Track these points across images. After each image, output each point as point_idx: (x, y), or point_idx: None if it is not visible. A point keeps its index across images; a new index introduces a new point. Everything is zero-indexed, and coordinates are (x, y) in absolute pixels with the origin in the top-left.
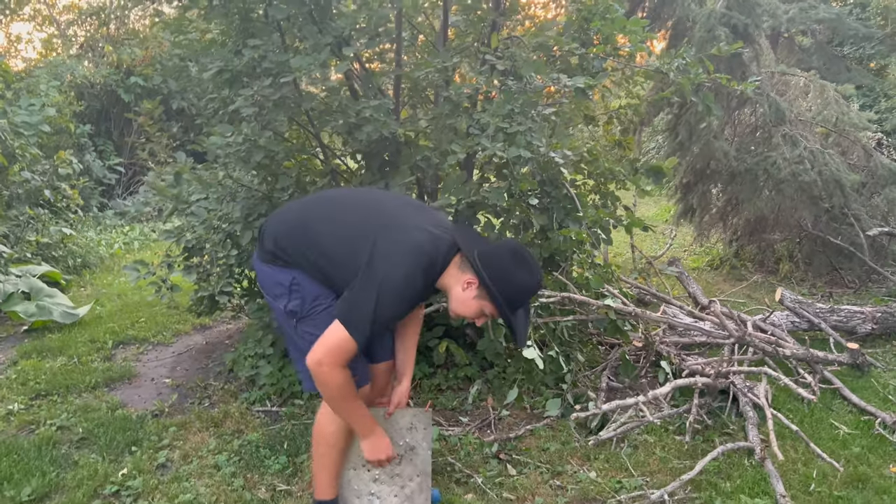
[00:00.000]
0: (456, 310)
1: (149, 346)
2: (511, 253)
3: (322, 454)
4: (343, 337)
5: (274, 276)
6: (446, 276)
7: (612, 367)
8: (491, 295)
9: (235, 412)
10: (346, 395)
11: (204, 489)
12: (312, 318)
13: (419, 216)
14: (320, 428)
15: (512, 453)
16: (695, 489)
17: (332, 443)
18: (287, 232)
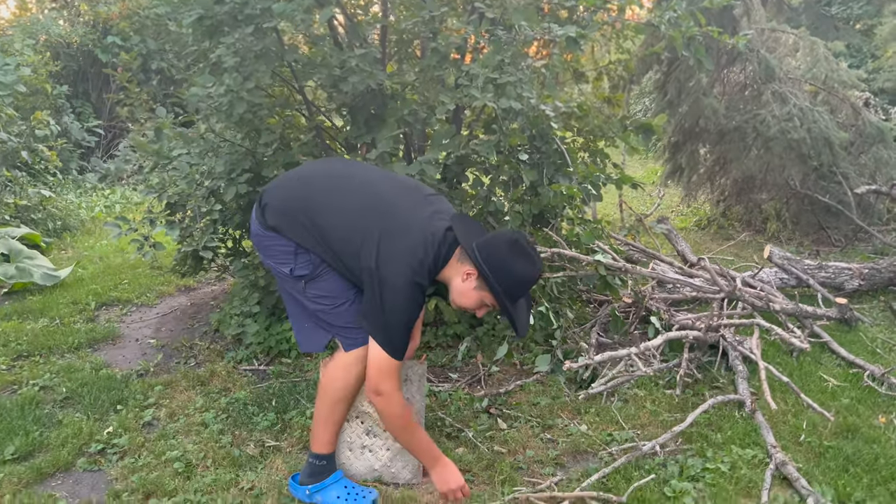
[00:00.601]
0: (457, 301)
1: (132, 307)
2: (509, 243)
3: (327, 408)
4: (384, 358)
5: (277, 244)
6: (447, 269)
7: (601, 323)
8: (490, 286)
9: (222, 371)
10: (409, 420)
11: (191, 446)
12: (322, 280)
13: (419, 206)
14: (329, 380)
15: (502, 408)
16: (686, 441)
17: (339, 398)
18: (289, 212)
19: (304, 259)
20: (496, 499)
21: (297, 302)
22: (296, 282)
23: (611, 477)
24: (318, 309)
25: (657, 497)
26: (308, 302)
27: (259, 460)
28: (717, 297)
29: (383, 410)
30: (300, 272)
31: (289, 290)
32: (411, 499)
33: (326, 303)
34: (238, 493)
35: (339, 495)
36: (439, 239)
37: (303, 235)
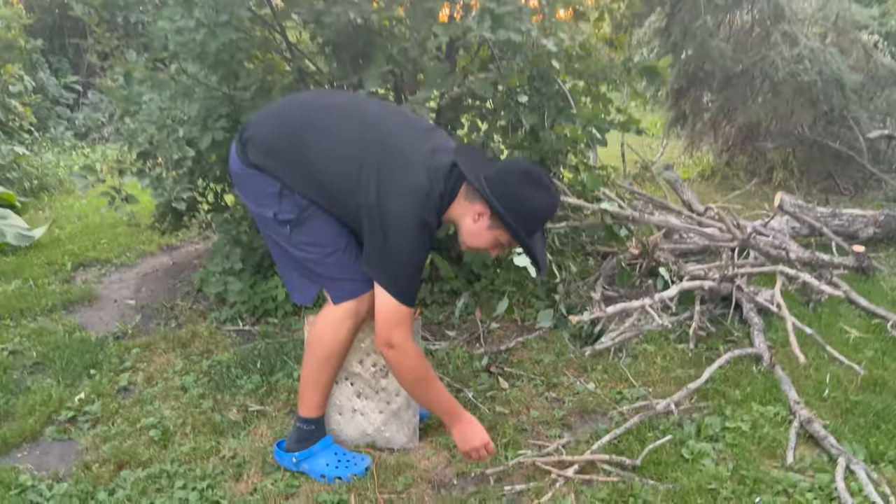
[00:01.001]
0: (468, 242)
1: (111, 267)
2: (522, 174)
3: (315, 367)
4: (393, 306)
5: (260, 183)
6: (454, 209)
7: (606, 276)
8: (506, 224)
9: (204, 332)
10: (425, 373)
11: (169, 412)
12: (309, 225)
13: (419, 140)
14: (318, 336)
15: (503, 366)
16: (701, 398)
17: (328, 356)
18: (275, 146)
19: (290, 201)
20: (499, 464)
21: (280, 248)
22: (280, 227)
23: (623, 438)
24: (305, 258)
25: (674, 459)
26: (294, 250)
27: (242, 426)
28: (730, 246)
29: (397, 364)
30: (285, 216)
31: (273, 236)
32: (407, 465)
33: (314, 251)
34: (219, 462)
35: (328, 462)
36: (444, 174)
37: (290, 173)
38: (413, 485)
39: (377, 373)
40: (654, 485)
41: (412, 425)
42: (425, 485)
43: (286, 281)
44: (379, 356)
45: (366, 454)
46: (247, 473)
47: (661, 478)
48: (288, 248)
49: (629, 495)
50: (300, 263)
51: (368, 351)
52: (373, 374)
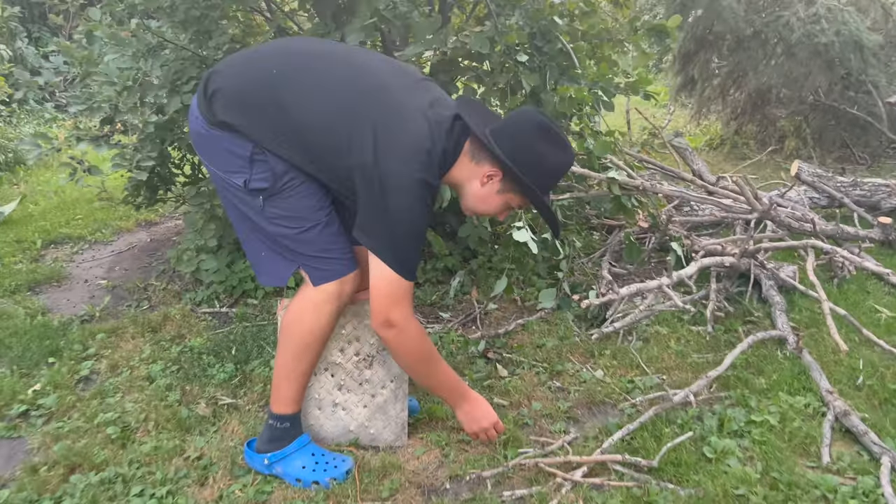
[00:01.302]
0: (474, 208)
1: (84, 244)
2: (537, 129)
3: (291, 357)
4: (393, 280)
5: (228, 146)
6: (457, 170)
7: (612, 251)
8: (522, 186)
9: (177, 315)
10: (428, 353)
11: (131, 405)
12: (286, 196)
13: (415, 90)
14: (293, 323)
15: (502, 351)
16: (722, 387)
17: (307, 344)
18: (248, 100)
19: (264, 167)
20: (497, 463)
21: (250, 222)
22: (251, 198)
23: (637, 434)
24: (280, 233)
25: (695, 459)
26: (266, 224)
27: (211, 422)
28: (749, 218)
29: (398, 346)
30: (258, 184)
31: (239, 207)
32: (394, 466)
33: (291, 226)
34: (182, 464)
35: (304, 465)
36: (446, 128)
37: (266, 132)
38: (400, 490)
39: (360, 362)
40: (674, 489)
41: (400, 421)
42: (414, 489)
43: (253, 260)
44: (363, 343)
45: (347, 455)
46: (213, 477)
47: (682, 481)
48: (259, 222)
49: (645, 503)
50: (273, 239)
51: (350, 338)
52: (355, 363)
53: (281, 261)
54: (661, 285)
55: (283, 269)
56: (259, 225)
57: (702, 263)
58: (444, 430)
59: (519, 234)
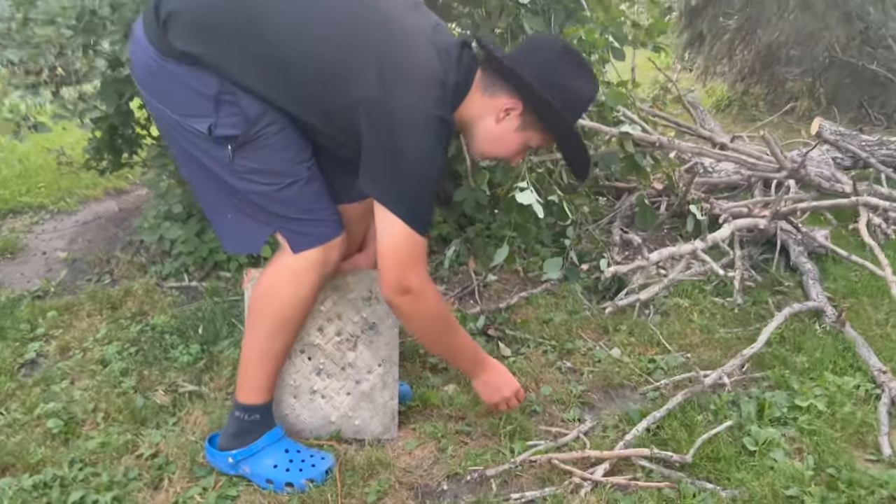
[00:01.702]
0: (488, 150)
1: (46, 214)
2: (562, 50)
3: (265, 336)
4: (407, 236)
5: (187, 82)
6: (468, 106)
7: (623, 216)
8: (549, 116)
9: (140, 290)
10: (448, 320)
11: (80, 393)
12: (261, 145)
13: (416, 14)
14: (269, 295)
15: (504, 328)
16: (756, 366)
17: (283, 321)
18: (214, 23)
19: (233, 109)
20: (503, 459)
21: (213, 178)
22: (216, 148)
23: (665, 423)
24: (253, 191)
25: (735, 452)
26: (236, 179)
27: (170, 412)
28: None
29: (415, 314)
30: (226, 131)
31: (200, 159)
32: (382, 463)
33: (266, 181)
34: (134, 463)
35: (276, 463)
36: (455, 56)
37: (239, 64)
38: (389, 492)
39: (342, 343)
40: (714, 490)
41: (389, 410)
42: (405, 491)
43: (217, 224)
44: (345, 322)
45: (328, 451)
46: (168, 479)
47: (721, 479)
48: (226, 178)
49: None
50: (243, 199)
51: (331, 316)
52: (336, 344)
53: (253, 224)
54: (696, 249)
55: (255, 234)
56: (225, 181)
57: (735, 225)
58: (440, 420)
59: (522, 196)
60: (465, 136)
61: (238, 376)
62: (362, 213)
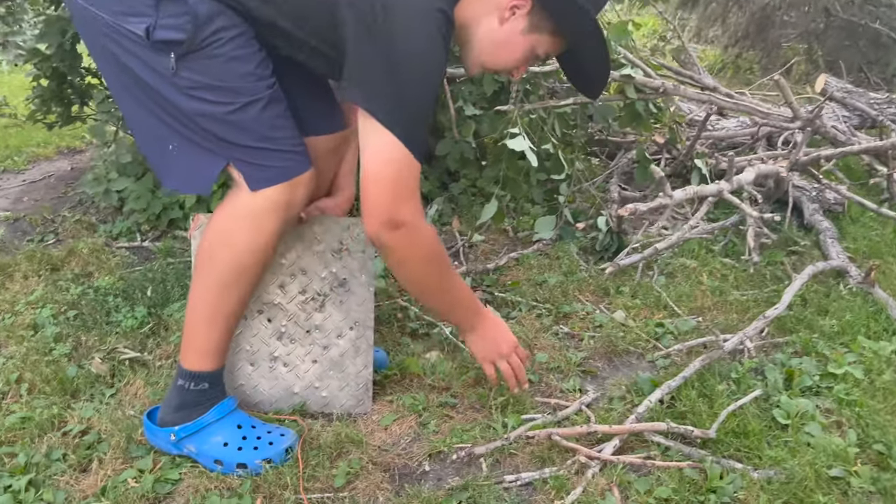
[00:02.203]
0: (489, 59)
1: None
2: None
3: (216, 290)
4: (401, 159)
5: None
6: (465, 5)
7: (620, 173)
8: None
9: (85, 249)
10: (445, 260)
11: (3, 362)
12: (208, 56)
13: None
14: (220, 242)
15: (493, 290)
16: (778, 330)
17: (240, 270)
18: None
19: (179, 8)
20: (494, 435)
21: (155, 100)
22: (156, 56)
23: (680, 394)
24: (203, 112)
25: (765, 426)
26: (180, 97)
27: (107, 382)
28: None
29: (408, 253)
30: (168, 34)
31: (140, 74)
32: (353, 441)
33: (217, 100)
34: (59, 442)
35: (227, 441)
36: None
37: None
38: (361, 474)
39: (307, 303)
40: (744, 470)
41: (362, 381)
42: (380, 473)
43: (155, 156)
44: (311, 278)
45: (289, 427)
46: (99, 459)
47: (752, 458)
48: (168, 95)
49: (707, 490)
50: (190, 123)
51: (294, 271)
52: (301, 304)
53: (202, 155)
54: (722, 190)
55: (204, 168)
56: (168, 101)
57: (759, 170)
58: (420, 391)
59: (514, 143)
60: (461, 44)
61: (183, 339)
62: (333, 149)
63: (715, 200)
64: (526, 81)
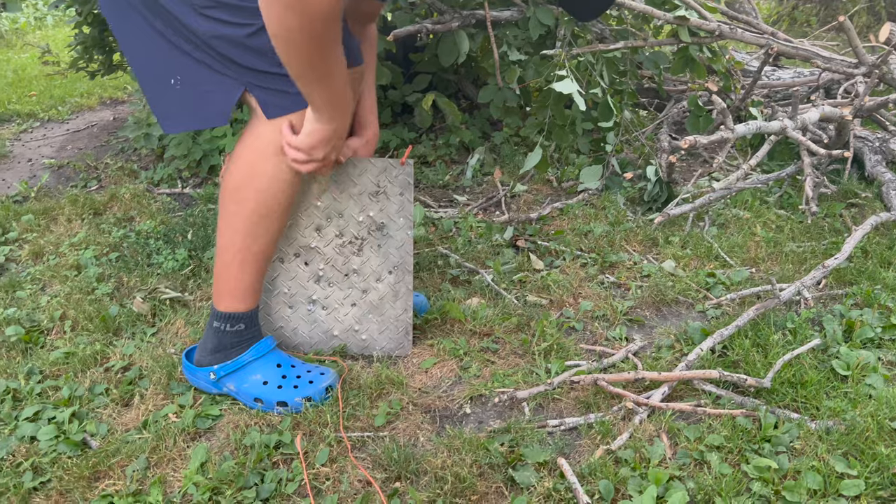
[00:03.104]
0: None
1: (36, 122)
2: None
3: (243, 229)
4: None
5: None
6: None
7: (671, 122)
8: None
9: (127, 195)
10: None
11: (48, 300)
12: None
13: None
14: (244, 177)
15: (536, 239)
16: (837, 282)
17: (267, 207)
18: None
19: None
20: (537, 380)
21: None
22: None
23: (734, 343)
24: (219, 34)
25: (822, 377)
26: (194, 17)
27: (149, 321)
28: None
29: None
30: None
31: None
32: (393, 382)
33: (235, 21)
34: (101, 377)
35: (267, 379)
36: None
37: None
38: (401, 415)
39: (345, 246)
40: (801, 420)
41: (402, 325)
42: (420, 414)
43: (156, 95)
44: (347, 221)
45: (328, 367)
46: (140, 395)
47: (809, 408)
48: (180, 16)
49: (761, 439)
50: (203, 44)
51: (330, 213)
52: (338, 248)
53: (215, 83)
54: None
55: (219, 97)
56: (179, 20)
57: (823, 111)
58: (461, 336)
59: (562, 85)
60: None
61: (214, 281)
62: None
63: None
64: (573, 25)
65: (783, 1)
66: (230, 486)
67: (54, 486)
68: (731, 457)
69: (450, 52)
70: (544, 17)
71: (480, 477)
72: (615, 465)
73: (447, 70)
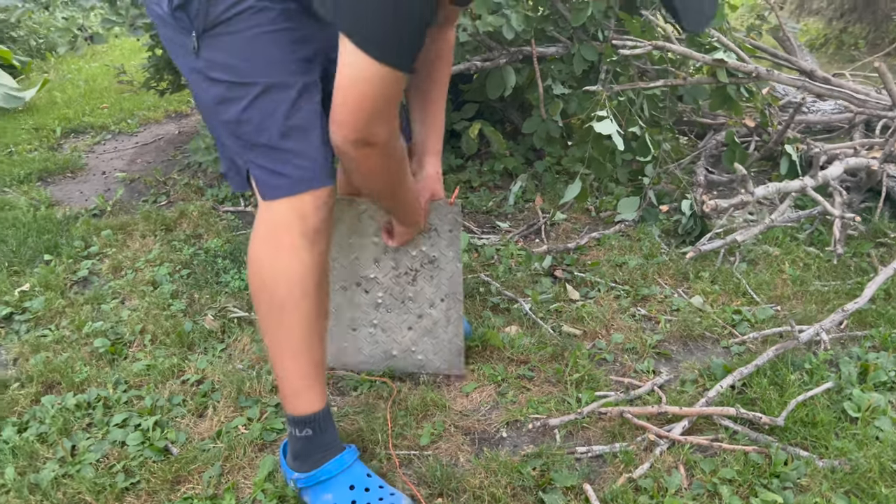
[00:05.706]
0: None
1: (108, 135)
2: None
3: (273, 327)
4: (375, 76)
5: None
6: None
7: (708, 156)
8: None
9: (195, 212)
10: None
11: (128, 314)
12: (230, 32)
13: None
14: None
15: (573, 269)
16: (858, 323)
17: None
18: None
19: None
20: (568, 409)
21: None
22: (181, 35)
23: (752, 381)
24: (219, 97)
25: (833, 418)
26: (204, 85)
27: (219, 338)
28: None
29: (373, 170)
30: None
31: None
32: (437, 405)
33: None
34: (179, 388)
35: (339, 501)
36: None
37: None
38: (444, 436)
39: (401, 277)
40: (809, 458)
41: (455, 346)
42: (461, 436)
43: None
44: (401, 255)
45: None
46: (213, 406)
47: (818, 447)
48: (196, 85)
49: (770, 475)
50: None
51: (387, 248)
52: (395, 278)
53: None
54: (805, 187)
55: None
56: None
57: (848, 164)
58: (500, 363)
59: (601, 126)
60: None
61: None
62: None
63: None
64: (616, 62)
65: (832, 22)
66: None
67: (143, 487)
68: (741, 489)
69: (497, 86)
70: (588, 54)
71: (514, 498)
72: (635, 493)
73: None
